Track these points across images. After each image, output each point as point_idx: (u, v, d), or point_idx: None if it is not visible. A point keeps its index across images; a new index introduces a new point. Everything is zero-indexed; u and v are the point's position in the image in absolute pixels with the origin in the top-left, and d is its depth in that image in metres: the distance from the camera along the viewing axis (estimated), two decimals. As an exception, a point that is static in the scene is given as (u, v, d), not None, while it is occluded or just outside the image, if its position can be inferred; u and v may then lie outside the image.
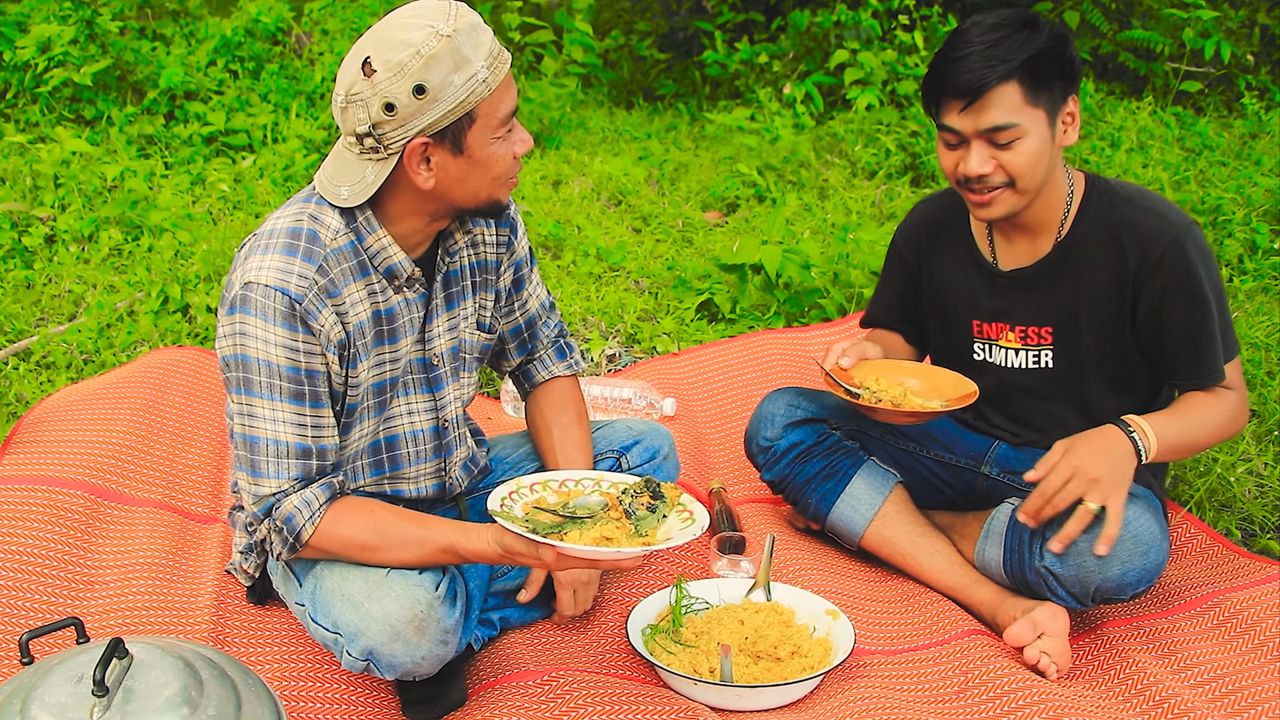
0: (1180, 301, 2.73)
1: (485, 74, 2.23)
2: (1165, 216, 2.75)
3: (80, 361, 3.90)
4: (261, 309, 2.27)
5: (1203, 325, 2.74)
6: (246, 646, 2.66)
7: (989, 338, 2.96)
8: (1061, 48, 2.64)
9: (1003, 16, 2.66)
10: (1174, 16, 6.61)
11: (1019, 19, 2.65)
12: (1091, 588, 2.67)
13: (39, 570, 2.77)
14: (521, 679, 2.57)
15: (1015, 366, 2.94)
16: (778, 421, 3.11)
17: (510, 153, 2.34)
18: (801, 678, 2.54)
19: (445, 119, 2.23)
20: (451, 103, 2.21)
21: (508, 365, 2.88)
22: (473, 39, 2.22)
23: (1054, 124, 2.68)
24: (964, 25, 2.69)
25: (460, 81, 2.21)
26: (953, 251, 3.00)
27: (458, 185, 2.33)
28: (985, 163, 2.67)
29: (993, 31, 2.62)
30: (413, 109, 2.20)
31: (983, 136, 2.66)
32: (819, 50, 6.82)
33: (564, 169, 5.72)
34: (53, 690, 1.97)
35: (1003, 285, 2.91)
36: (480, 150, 2.29)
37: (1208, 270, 2.74)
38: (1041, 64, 2.61)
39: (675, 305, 4.49)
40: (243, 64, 6.10)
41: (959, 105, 2.65)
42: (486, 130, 2.28)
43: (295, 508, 2.32)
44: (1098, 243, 2.79)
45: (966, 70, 2.61)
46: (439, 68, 2.19)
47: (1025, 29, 2.62)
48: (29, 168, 5.05)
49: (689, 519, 2.31)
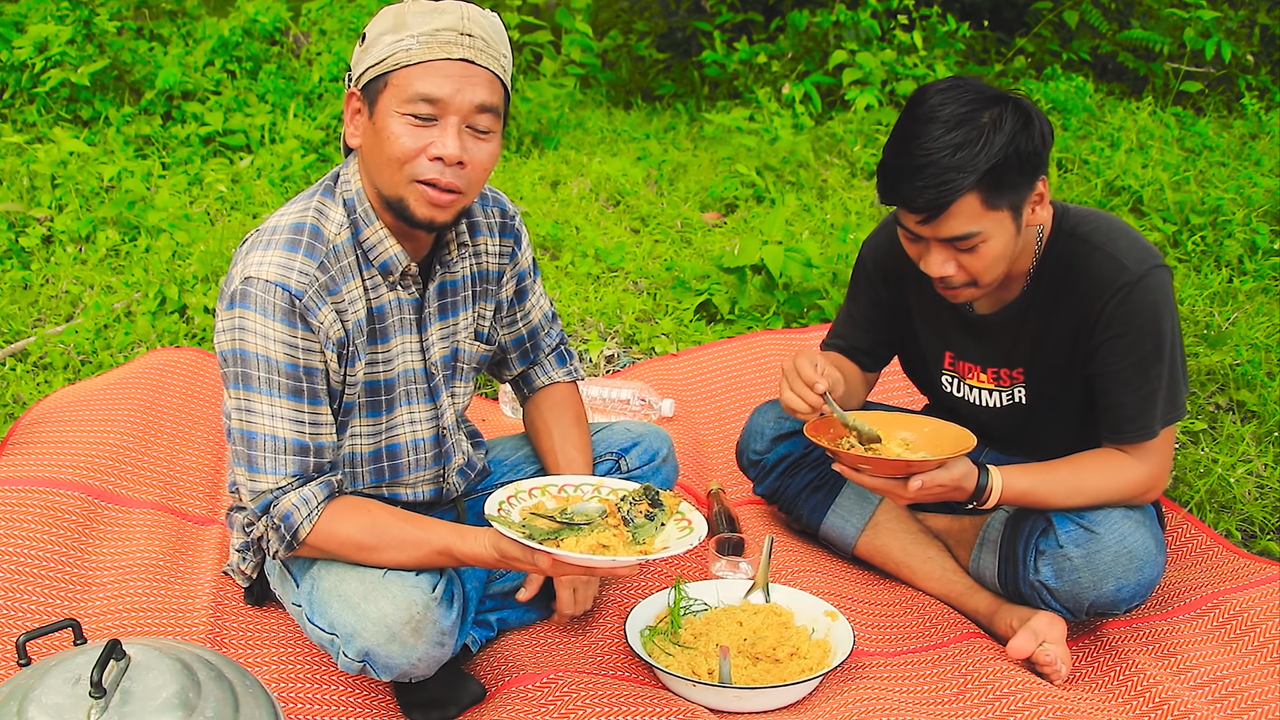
0: (1118, 351, 2.63)
1: (412, 44, 2.23)
2: (1121, 262, 2.61)
3: (77, 362, 3.89)
4: (261, 304, 2.26)
5: (1134, 379, 2.64)
6: (244, 648, 2.65)
7: (959, 374, 2.91)
8: (1025, 140, 2.48)
9: (963, 103, 2.49)
10: (1174, 16, 6.62)
11: (980, 105, 2.48)
12: (1085, 603, 2.66)
13: (36, 571, 2.76)
14: (519, 683, 2.56)
15: (988, 405, 2.89)
16: (766, 434, 3.11)
17: (416, 143, 2.26)
18: (800, 679, 2.54)
19: (369, 74, 2.28)
20: (375, 58, 2.26)
21: (508, 373, 2.88)
22: (426, 16, 2.25)
23: (1019, 215, 2.56)
24: (920, 115, 2.51)
25: (389, 40, 2.25)
26: (926, 282, 2.79)
27: (369, 156, 2.33)
28: (946, 265, 2.58)
29: (951, 132, 2.46)
30: (357, 54, 2.31)
31: (943, 242, 2.56)
32: (818, 50, 6.82)
33: (562, 169, 5.72)
34: (50, 692, 1.96)
35: (975, 328, 2.83)
36: (382, 119, 2.27)
37: (1157, 322, 2.62)
38: (1003, 169, 2.47)
39: (674, 306, 4.48)
40: (240, 64, 6.09)
41: (915, 218, 2.54)
42: (393, 101, 2.25)
43: (293, 505, 2.31)
44: (1060, 285, 2.70)
45: (923, 187, 2.47)
46: (380, 23, 2.28)
47: (985, 131, 2.45)
48: (26, 168, 5.04)
49: (687, 528, 2.30)
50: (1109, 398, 2.68)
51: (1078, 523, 2.66)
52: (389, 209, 2.35)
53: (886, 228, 2.95)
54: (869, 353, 3.08)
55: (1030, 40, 7.05)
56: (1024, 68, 6.89)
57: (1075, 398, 2.78)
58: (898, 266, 2.88)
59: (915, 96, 2.58)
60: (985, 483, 2.62)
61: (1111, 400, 2.68)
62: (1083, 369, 2.71)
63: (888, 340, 3.06)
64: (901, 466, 2.56)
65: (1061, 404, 2.81)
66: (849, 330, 3.09)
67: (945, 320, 2.88)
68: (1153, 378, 2.64)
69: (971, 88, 2.53)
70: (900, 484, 2.56)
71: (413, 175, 2.27)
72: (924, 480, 2.54)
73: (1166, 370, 2.65)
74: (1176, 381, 2.68)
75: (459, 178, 2.28)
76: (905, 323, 2.99)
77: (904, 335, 3.02)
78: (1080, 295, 2.66)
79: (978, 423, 2.86)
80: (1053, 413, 2.83)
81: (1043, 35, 7.06)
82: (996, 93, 2.53)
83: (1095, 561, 2.62)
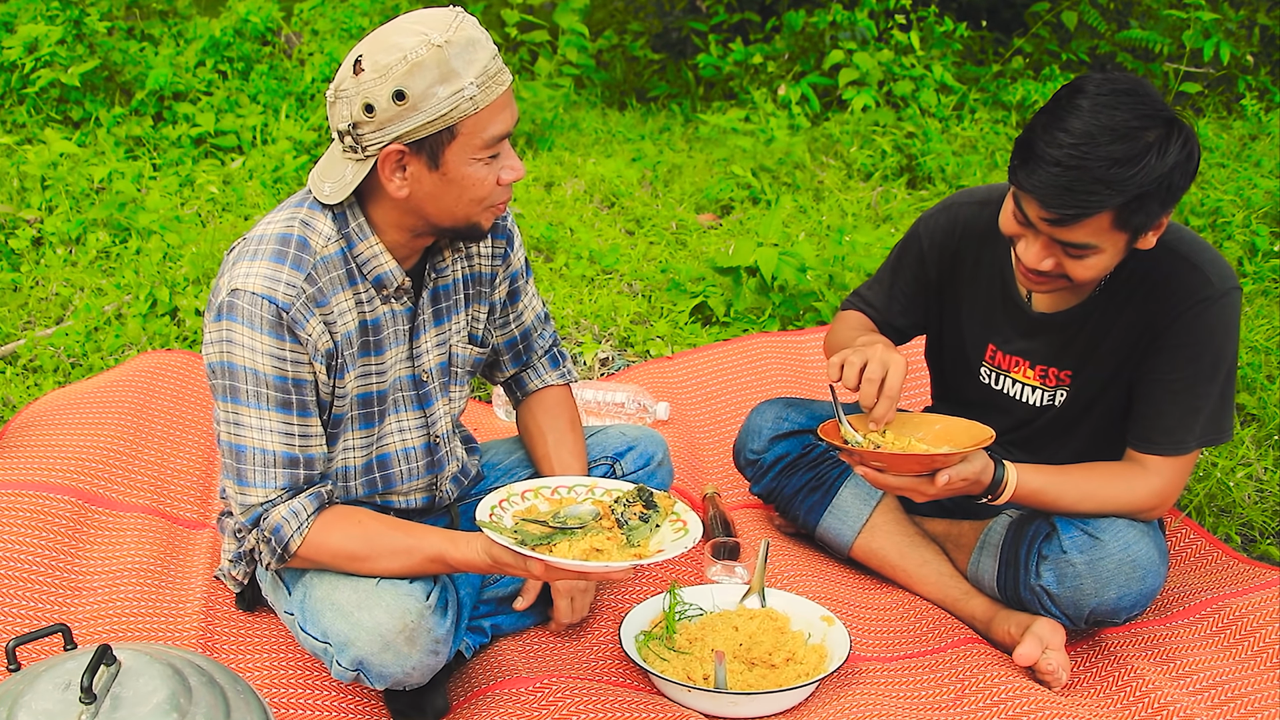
0: (1176, 361, 2.60)
1: (474, 91, 2.17)
2: (1206, 275, 2.57)
3: (68, 365, 3.87)
4: (248, 316, 2.24)
5: (1183, 392, 2.60)
6: (235, 653, 2.64)
7: (1001, 368, 2.86)
8: (1181, 175, 2.39)
9: (1136, 115, 2.36)
10: (1173, 17, 6.60)
11: (1149, 124, 2.35)
12: (1086, 609, 2.65)
13: (26, 576, 2.74)
14: (513, 686, 2.55)
15: (1027, 402, 2.85)
16: (764, 434, 3.10)
17: (493, 177, 2.27)
18: (796, 685, 2.52)
19: (424, 130, 2.18)
20: (432, 114, 2.17)
21: (501, 375, 2.86)
22: (466, 54, 2.16)
23: (1136, 239, 2.47)
24: (1084, 109, 2.37)
25: (444, 94, 2.16)
26: (984, 270, 2.81)
27: (432, 201, 2.28)
28: (1045, 261, 2.50)
29: (1115, 144, 2.33)
30: (391, 114, 2.16)
31: (1055, 241, 2.47)
32: (814, 51, 6.81)
33: (556, 170, 5.70)
34: (40, 697, 1.95)
35: (1031, 324, 2.78)
36: (457, 169, 2.23)
37: (1222, 343, 2.59)
38: (1149, 197, 2.37)
39: (669, 308, 4.46)
40: (232, 64, 6.07)
41: (1042, 212, 2.42)
42: (468, 150, 2.22)
43: (283, 518, 2.30)
44: (1135, 290, 2.65)
45: (1065, 190, 2.36)
46: (423, 76, 2.14)
47: (1148, 153, 2.33)
48: (16, 169, 5.02)
49: (682, 529, 2.29)
50: (1150, 405, 2.65)
51: (1082, 529, 2.64)
52: (442, 233, 2.37)
53: (948, 210, 2.89)
54: (900, 330, 3.03)
55: (1028, 41, 7.03)
56: (1022, 68, 6.88)
57: (1108, 413, 2.75)
58: (956, 250, 2.85)
59: (1079, 84, 2.44)
60: (1001, 477, 2.59)
61: (1152, 408, 2.64)
62: (1131, 375, 2.68)
63: (922, 322, 3.02)
64: (925, 462, 2.50)
65: (1092, 415, 2.78)
66: (885, 303, 3.02)
67: (995, 312, 2.83)
68: (1201, 395, 2.61)
69: (1146, 98, 2.40)
70: (925, 481, 2.51)
71: (491, 203, 2.32)
72: (950, 475, 2.49)
73: (1218, 391, 2.62)
74: (1226, 404, 2.65)
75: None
76: (949, 309, 2.93)
77: (942, 321, 2.97)
78: (1156, 301, 2.62)
79: (1012, 417, 2.84)
80: (1081, 424, 2.81)
81: (1041, 36, 7.05)
82: (1169, 114, 2.40)
83: (1098, 568, 2.61)
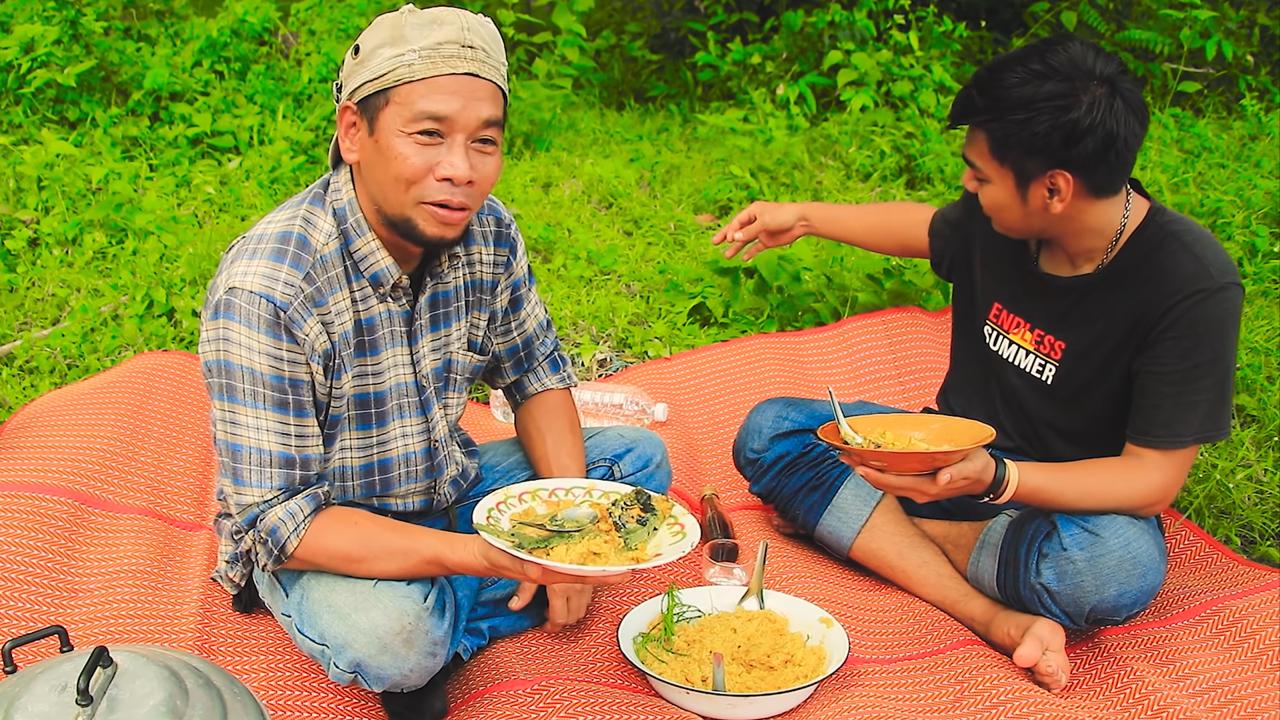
0: (1174, 353, 2.61)
1: (414, 59, 2.18)
2: (1205, 266, 2.59)
3: (64, 366, 3.86)
4: (245, 315, 2.23)
5: (1180, 385, 2.61)
6: (232, 655, 2.63)
7: (1003, 328, 2.92)
8: (1062, 141, 2.50)
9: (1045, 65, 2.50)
10: (1172, 17, 6.60)
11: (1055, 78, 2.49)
12: (1086, 608, 2.64)
13: (22, 577, 2.73)
14: (510, 688, 2.54)
15: (1019, 366, 2.89)
16: (765, 433, 3.09)
17: (423, 162, 2.21)
18: (795, 686, 2.51)
19: (366, 88, 2.22)
20: (373, 73, 2.20)
21: (501, 381, 2.85)
22: (425, 27, 2.19)
23: (1023, 188, 2.61)
24: (1031, 50, 2.55)
25: (387, 54, 2.19)
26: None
27: (370, 172, 2.28)
28: (969, 181, 2.72)
29: (1010, 71, 2.53)
30: (349, 67, 2.25)
31: (966, 161, 2.70)
32: (813, 51, 6.80)
33: (554, 171, 5.69)
34: (36, 699, 1.94)
35: (1036, 285, 2.84)
36: (385, 137, 2.21)
37: (1220, 336, 2.60)
38: (1019, 135, 2.53)
39: (667, 309, 4.45)
40: (228, 65, 6.06)
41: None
42: (397, 119, 2.20)
43: (280, 519, 2.29)
44: (1135, 270, 2.67)
45: (962, 92, 2.63)
46: (376, 34, 2.22)
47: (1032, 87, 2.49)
48: (12, 170, 5.01)
49: (680, 533, 2.28)
50: (1148, 398, 2.65)
51: (1082, 526, 2.64)
52: (392, 227, 2.30)
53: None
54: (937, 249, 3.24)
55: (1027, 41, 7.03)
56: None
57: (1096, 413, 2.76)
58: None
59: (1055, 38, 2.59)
60: (1003, 475, 2.59)
61: (1150, 401, 2.65)
62: (1129, 365, 2.69)
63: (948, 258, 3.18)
64: (926, 460, 2.50)
65: (1080, 400, 2.79)
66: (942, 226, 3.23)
67: (1004, 269, 2.91)
68: (1199, 389, 2.61)
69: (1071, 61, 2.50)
70: (926, 480, 2.51)
71: (420, 197, 2.24)
72: (951, 473, 2.49)
73: (1216, 385, 2.62)
74: (1224, 400, 2.64)
75: (468, 196, 2.25)
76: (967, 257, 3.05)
77: (961, 271, 3.08)
78: (1153, 287, 2.63)
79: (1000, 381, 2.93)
80: (1068, 407, 2.82)
81: (1040, 36, 7.04)
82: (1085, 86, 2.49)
83: (1098, 565, 2.60)
